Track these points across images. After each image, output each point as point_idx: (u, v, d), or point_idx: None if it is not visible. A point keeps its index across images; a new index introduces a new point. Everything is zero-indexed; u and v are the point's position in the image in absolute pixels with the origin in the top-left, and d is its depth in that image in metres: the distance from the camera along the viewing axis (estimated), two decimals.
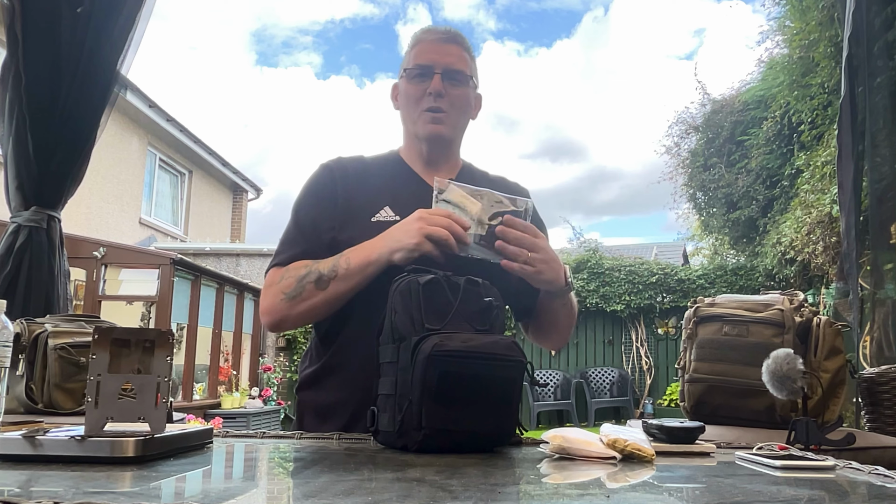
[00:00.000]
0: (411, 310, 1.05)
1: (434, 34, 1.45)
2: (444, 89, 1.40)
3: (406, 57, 1.48)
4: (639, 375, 10.55)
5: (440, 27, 1.47)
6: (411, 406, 0.99)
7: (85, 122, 2.56)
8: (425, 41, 1.44)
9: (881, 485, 0.78)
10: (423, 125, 1.42)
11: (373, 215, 1.36)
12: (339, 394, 1.34)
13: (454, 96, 1.42)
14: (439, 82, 1.40)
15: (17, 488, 0.70)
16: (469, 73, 1.45)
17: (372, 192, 1.40)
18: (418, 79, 1.42)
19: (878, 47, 2.62)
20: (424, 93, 1.41)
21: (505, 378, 1.03)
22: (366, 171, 1.45)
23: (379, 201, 1.38)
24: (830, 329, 1.54)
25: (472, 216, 1.24)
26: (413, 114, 1.43)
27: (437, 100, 1.40)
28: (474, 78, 1.47)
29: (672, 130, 10.84)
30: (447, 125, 1.42)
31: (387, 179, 1.44)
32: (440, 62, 1.41)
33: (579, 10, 79.51)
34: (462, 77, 1.43)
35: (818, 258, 6.83)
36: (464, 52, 1.45)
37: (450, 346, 0.99)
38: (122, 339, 0.93)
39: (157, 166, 11.35)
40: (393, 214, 1.35)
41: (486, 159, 5.94)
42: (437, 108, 1.40)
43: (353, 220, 1.36)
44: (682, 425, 1.11)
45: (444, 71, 1.41)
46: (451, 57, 1.42)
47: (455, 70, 1.42)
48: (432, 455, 0.96)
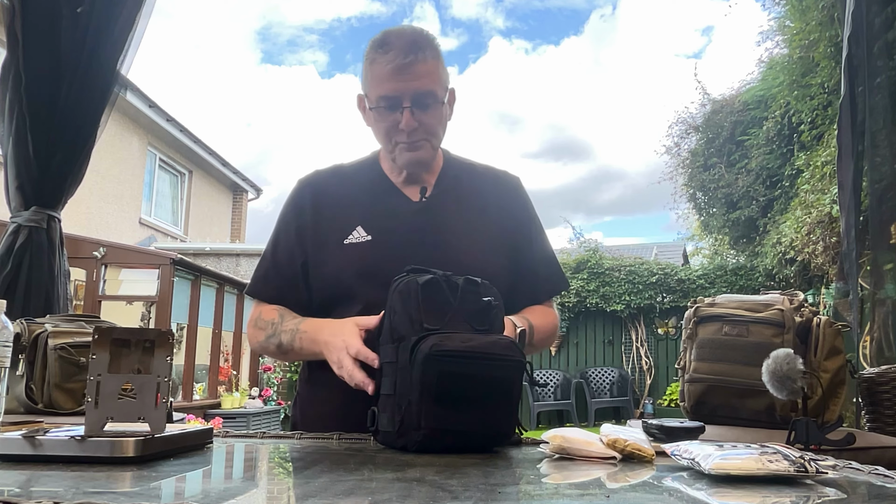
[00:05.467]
0: (410, 310, 1.05)
1: (394, 56, 1.28)
2: (417, 118, 1.30)
3: (366, 75, 1.35)
4: (639, 375, 10.55)
5: (397, 41, 1.30)
6: (410, 406, 0.99)
7: (85, 122, 2.56)
8: (385, 67, 1.29)
9: (881, 485, 0.78)
10: (401, 154, 1.35)
11: (345, 237, 1.35)
12: (336, 393, 1.35)
13: (428, 122, 1.33)
14: (410, 118, 1.30)
15: (17, 488, 0.70)
16: (440, 90, 1.33)
17: (346, 210, 1.39)
18: (387, 112, 1.32)
19: (878, 47, 2.62)
20: (396, 126, 1.32)
21: (504, 378, 1.03)
22: (341, 185, 1.44)
23: (352, 221, 1.37)
24: (830, 329, 1.54)
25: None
26: (388, 145, 1.36)
27: (411, 132, 1.32)
28: (445, 84, 1.36)
29: (672, 130, 10.85)
30: (426, 150, 1.35)
31: (362, 194, 1.41)
32: (407, 91, 1.29)
33: (587, 7, 79.60)
34: (433, 99, 1.32)
35: (818, 258, 6.82)
36: (430, 63, 1.31)
37: (449, 346, 0.99)
38: (122, 339, 0.93)
39: (157, 166, 11.35)
40: (365, 234, 1.35)
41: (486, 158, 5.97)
42: (413, 140, 1.33)
43: (325, 245, 1.37)
44: (682, 425, 1.11)
45: (414, 100, 1.29)
46: (417, 81, 1.29)
47: (425, 93, 1.30)
48: (432, 455, 0.96)
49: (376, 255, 1.33)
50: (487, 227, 1.41)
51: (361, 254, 1.34)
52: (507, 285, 1.32)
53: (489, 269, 1.29)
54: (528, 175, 50.66)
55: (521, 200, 1.51)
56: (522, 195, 1.52)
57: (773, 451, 0.80)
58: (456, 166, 1.48)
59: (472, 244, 1.37)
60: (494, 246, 1.40)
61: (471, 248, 1.36)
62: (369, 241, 1.34)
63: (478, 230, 1.40)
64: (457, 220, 1.40)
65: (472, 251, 1.36)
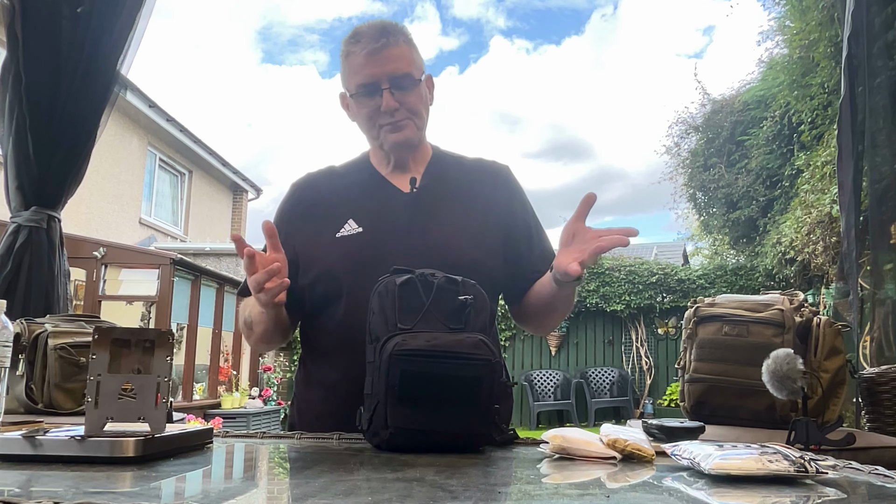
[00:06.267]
0: (386, 310, 1.06)
1: (366, 43, 1.34)
2: (397, 99, 1.34)
3: (343, 70, 1.40)
4: (639, 375, 10.55)
5: (367, 30, 1.36)
6: (379, 405, 1.00)
7: (85, 122, 2.56)
8: (359, 55, 1.35)
9: (881, 485, 0.78)
10: (386, 136, 1.38)
11: (338, 230, 1.37)
12: (333, 393, 1.35)
13: (409, 102, 1.36)
14: (390, 98, 1.34)
15: (17, 488, 0.70)
16: (416, 72, 1.38)
17: (338, 206, 1.41)
18: (367, 97, 1.36)
19: (878, 47, 2.62)
20: (377, 109, 1.35)
21: (470, 377, 1.00)
22: (333, 184, 1.47)
23: (344, 215, 1.39)
24: (830, 329, 1.54)
25: None
26: (373, 130, 1.40)
27: (393, 114, 1.36)
28: (421, 67, 1.40)
29: (672, 130, 10.86)
30: (410, 129, 1.39)
31: (354, 189, 1.44)
32: (383, 74, 1.34)
33: (588, 7, 79.42)
34: (410, 80, 1.36)
35: (818, 258, 6.83)
36: (402, 46, 1.36)
37: (412, 346, 0.99)
38: (122, 339, 0.94)
39: (157, 166, 11.35)
40: (356, 226, 1.37)
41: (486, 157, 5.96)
42: (396, 120, 1.36)
43: (319, 241, 1.39)
44: (682, 425, 1.11)
45: (391, 81, 1.34)
46: (392, 63, 1.34)
47: (401, 76, 1.35)
48: (432, 455, 0.96)
49: (368, 245, 1.35)
50: (478, 215, 1.42)
51: (353, 245, 1.35)
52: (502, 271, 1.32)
53: (480, 256, 1.32)
54: (528, 175, 49.81)
55: (510, 188, 1.52)
56: (512, 183, 1.53)
57: (773, 451, 0.80)
58: (444, 159, 1.50)
59: (462, 232, 1.38)
60: (485, 233, 1.41)
61: (461, 235, 1.37)
62: (360, 233, 1.36)
63: (468, 218, 1.41)
64: (447, 209, 1.41)
65: (462, 238, 1.37)
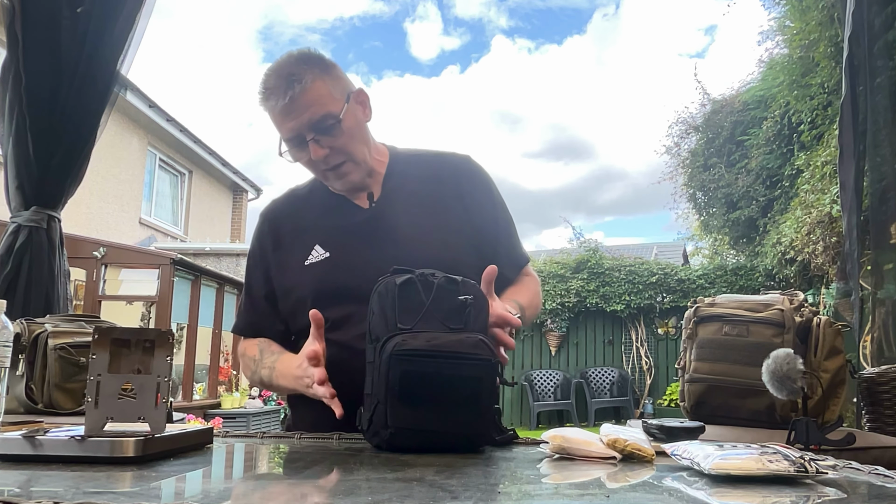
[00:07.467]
0: (386, 310, 1.06)
1: (276, 100, 1.29)
2: (325, 145, 1.32)
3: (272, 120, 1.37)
4: (639, 375, 10.55)
5: (274, 82, 1.31)
6: (379, 405, 1.00)
7: (85, 122, 2.57)
8: (275, 111, 1.31)
9: (881, 485, 0.78)
10: (332, 183, 1.38)
11: (306, 258, 1.38)
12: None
13: (338, 144, 1.33)
14: (317, 148, 1.31)
15: (17, 488, 0.70)
16: (335, 107, 1.32)
17: (304, 233, 1.41)
18: (297, 150, 1.34)
19: (878, 47, 2.62)
20: (311, 160, 1.34)
21: (471, 377, 1.00)
22: (296, 210, 1.47)
23: (311, 241, 1.39)
24: (830, 329, 1.54)
25: None
26: (318, 174, 1.40)
27: (327, 161, 1.33)
28: (342, 94, 1.34)
29: (672, 130, 10.86)
30: (352, 173, 1.36)
31: (316, 211, 1.44)
32: (302, 126, 1.30)
33: (590, 7, 79.45)
34: (332, 120, 1.31)
35: (818, 258, 6.82)
36: (315, 85, 1.30)
37: (412, 346, 0.99)
38: (122, 339, 0.94)
39: (157, 166, 11.35)
40: (323, 252, 1.37)
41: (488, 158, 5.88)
42: (333, 166, 1.34)
43: (289, 269, 1.40)
44: (682, 425, 1.11)
45: (313, 128, 1.30)
46: (308, 111, 1.29)
47: (320, 119, 1.30)
48: (432, 455, 0.96)
49: (334, 270, 1.35)
50: (445, 214, 1.41)
51: (321, 272, 1.35)
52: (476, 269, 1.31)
53: (450, 257, 1.29)
54: (529, 175, 50.02)
55: (475, 178, 1.49)
56: (476, 172, 1.50)
57: (773, 451, 0.80)
58: (402, 161, 1.48)
59: (427, 235, 1.37)
60: (454, 232, 1.39)
61: (428, 238, 1.36)
62: (328, 258, 1.36)
63: (433, 217, 1.39)
64: (409, 217, 1.39)
65: (429, 242, 1.35)
